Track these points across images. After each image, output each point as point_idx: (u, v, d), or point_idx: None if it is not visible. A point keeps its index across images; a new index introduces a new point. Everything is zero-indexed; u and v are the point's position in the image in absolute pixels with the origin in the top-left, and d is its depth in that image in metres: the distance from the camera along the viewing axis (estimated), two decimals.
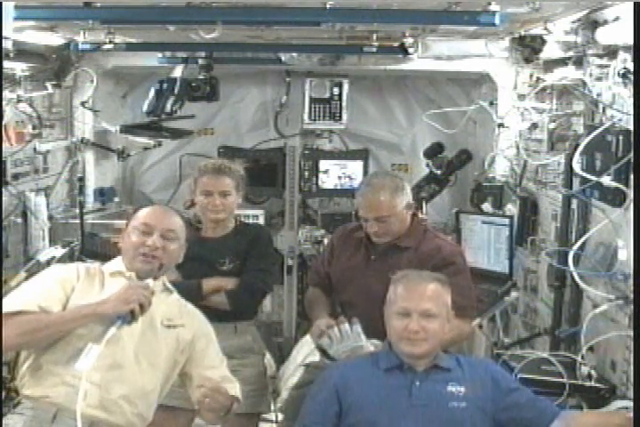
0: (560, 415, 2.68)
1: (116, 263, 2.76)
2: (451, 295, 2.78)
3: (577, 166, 3.21)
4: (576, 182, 3.45)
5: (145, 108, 4.74)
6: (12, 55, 3.46)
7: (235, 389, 2.73)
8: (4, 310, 2.50)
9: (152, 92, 4.72)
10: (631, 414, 2.47)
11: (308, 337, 3.94)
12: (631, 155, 2.84)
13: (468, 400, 2.66)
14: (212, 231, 3.56)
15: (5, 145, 4.11)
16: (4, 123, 4.05)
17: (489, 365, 2.93)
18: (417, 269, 2.96)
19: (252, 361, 3.55)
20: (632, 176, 2.85)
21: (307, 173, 5.34)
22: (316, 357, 3.51)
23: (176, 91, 4.72)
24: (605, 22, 3.12)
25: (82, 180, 5.12)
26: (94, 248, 4.49)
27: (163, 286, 2.79)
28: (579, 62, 3.55)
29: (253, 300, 3.60)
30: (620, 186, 2.92)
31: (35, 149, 4.51)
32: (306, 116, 5.32)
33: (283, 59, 4.92)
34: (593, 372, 3.07)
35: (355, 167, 5.34)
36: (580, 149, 3.16)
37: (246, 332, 3.57)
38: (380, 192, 3.21)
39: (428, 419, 2.63)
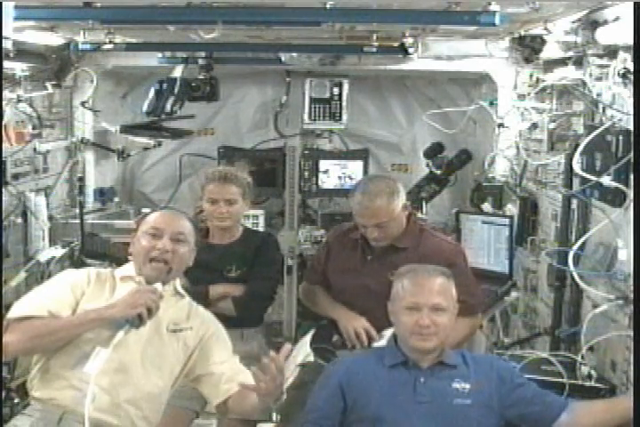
0: (568, 407, 2.69)
1: (127, 268, 2.77)
2: (458, 296, 2.78)
3: (577, 166, 3.21)
4: (576, 182, 3.45)
5: (145, 108, 4.74)
6: (12, 55, 3.45)
7: (249, 378, 2.69)
8: (14, 314, 2.53)
9: (152, 92, 4.72)
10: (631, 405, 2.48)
11: (307, 337, 3.95)
12: (631, 155, 2.84)
13: (473, 397, 2.67)
14: (219, 238, 3.57)
15: (5, 145, 4.11)
16: (3, 123, 4.05)
17: (494, 361, 2.93)
18: None
19: (257, 368, 3.54)
20: (632, 176, 2.84)
21: (307, 173, 5.34)
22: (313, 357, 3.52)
23: (176, 91, 4.71)
24: (605, 22, 3.12)
25: (82, 180, 5.13)
26: (94, 248, 4.49)
27: (174, 290, 2.79)
28: (579, 62, 3.55)
29: (259, 307, 3.62)
30: (620, 186, 2.91)
31: (35, 149, 4.51)
32: (306, 116, 5.32)
33: (283, 59, 4.92)
34: (593, 372, 3.07)
35: (355, 167, 5.34)
36: (580, 149, 3.16)
37: (253, 338, 3.57)
38: (376, 198, 3.19)
39: (433, 416, 2.64)
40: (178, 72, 4.75)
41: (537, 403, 2.71)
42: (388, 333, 3.00)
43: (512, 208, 4.60)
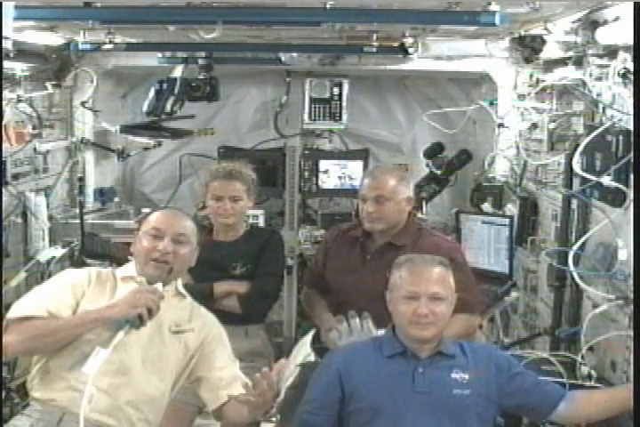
0: (566, 397, 2.70)
1: (129, 268, 2.76)
2: (456, 292, 2.77)
3: (577, 166, 3.21)
4: (576, 182, 3.45)
5: (145, 108, 4.74)
6: (12, 55, 3.45)
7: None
8: (14, 315, 2.51)
9: (152, 92, 4.72)
10: (632, 405, 2.49)
11: (307, 337, 3.95)
12: (631, 155, 2.84)
13: (472, 387, 2.67)
14: (224, 235, 3.56)
15: (5, 145, 4.11)
16: (4, 123, 4.05)
17: (492, 350, 2.93)
18: None
19: (261, 365, 3.54)
20: (632, 176, 2.85)
21: (307, 173, 5.33)
22: (314, 357, 3.52)
23: (176, 91, 4.71)
24: (605, 22, 3.12)
25: (82, 180, 5.13)
26: (94, 248, 4.49)
27: (175, 290, 2.77)
28: (579, 62, 3.55)
29: (265, 304, 3.61)
30: (620, 186, 2.92)
31: (35, 149, 4.51)
32: (306, 116, 5.32)
33: (283, 59, 4.92)
34: (593, 372, 3.07)
35: (355, 167, 5.33)
36: (580, 149, 3.16)
37: (256, 335, 3.57)
38: (387, 174, 3.30)
39: (432, 406, 2.63)
40: (178, 72, 4.74)
41: (535, 392, 2.71)
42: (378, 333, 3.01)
43: (512, 208, 4.60)
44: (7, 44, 2.67)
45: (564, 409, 2.69)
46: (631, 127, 2.84)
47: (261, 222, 5.18)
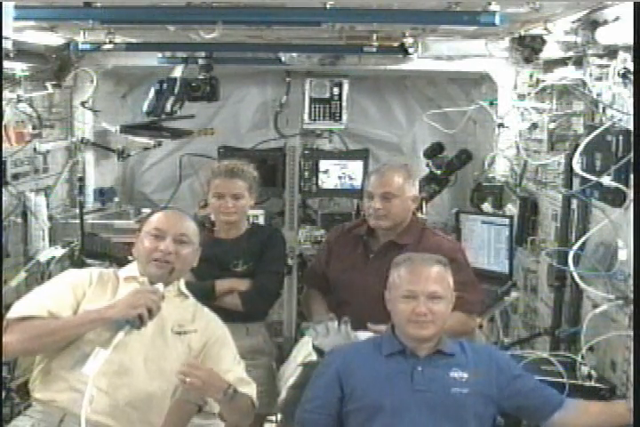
0: (564, 405, 2.70)
1: (131, 268, 2.76)
2: (456, 292, 2.78)
3: (577, 166, 3.22)
4: (576, 182, 3.46)
5: (145, 108, 4.74)
6: (12, 55, 3.45)
7: (251, 390, 2.72)
8: (14, 314, 2.52)
9: (152, 92, 4.72)
10: (631, 405, 2.49)
11: (307, 337, 3.95)
12: (631, 155, 2.84)
13: (471, 386, 2.67)
14: (226, 233, 3.57)
15: (5, 145, 4.11)
16: (4, 123, 4.05)
17: (493, 351, 2.94)
18: None
19: (262, 362, 3.55)
20: (632, 176, 2.85)
21: (307, 173, 5.33)
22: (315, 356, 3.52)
23: (176, 91, 4.71)
24: (605, 22, 3.12)
25: (82, 180, 5.12)
26: (94, 248, 4.48)
27: (177, 291, 2.78)
28: (579, 62, 3.55)
29: (266, 302, 3.62)
30: (620, 186, 2.92)
31: (35, 149, 4.51)
32: (306, 116, 5.31)
33: (283, 59, 4.92)
34: (593, 372, 3.08)
35: (355, 167, 5.33)
36: (580, 149, 3.17)
37: (257, 333, 3.58)
38: (394, 172, 3.33)
39: (431, 405, 2.64)
40: (178, 72, 4.74)
41: (534, 397, 2.71)
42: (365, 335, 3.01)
43: (512, 208, 4.60)
44: (7, 44, 2.67)
45: (560, 417, 2.68)
46: (631, 127, 2.84)
47: (261, 222, 5.17)
